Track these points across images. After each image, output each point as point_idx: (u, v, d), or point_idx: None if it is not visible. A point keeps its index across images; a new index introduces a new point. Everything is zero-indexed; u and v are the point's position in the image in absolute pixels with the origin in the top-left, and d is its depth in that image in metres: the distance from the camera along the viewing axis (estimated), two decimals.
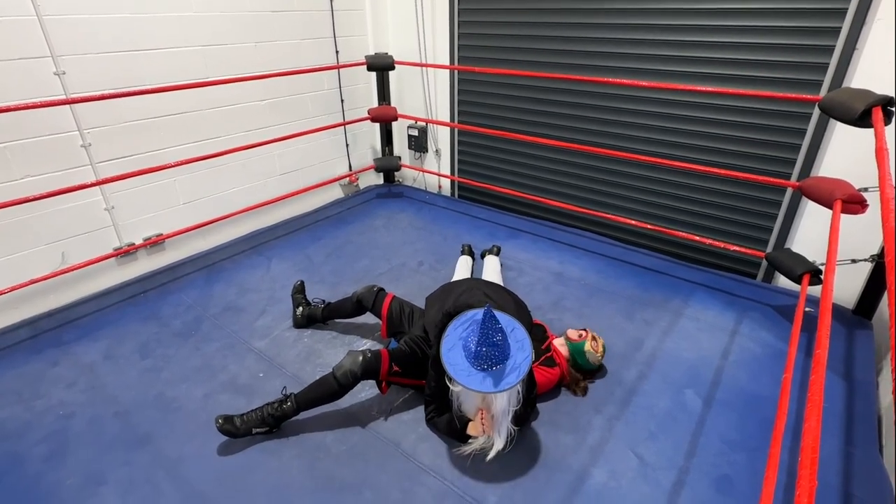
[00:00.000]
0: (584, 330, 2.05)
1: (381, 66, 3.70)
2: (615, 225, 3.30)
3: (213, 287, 2.78)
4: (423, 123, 4.06)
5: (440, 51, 3.76)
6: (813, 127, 2.52)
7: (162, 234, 2.99)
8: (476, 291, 2.02)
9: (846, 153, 2.44)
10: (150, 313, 2.55)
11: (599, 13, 3.00)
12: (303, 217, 3.68)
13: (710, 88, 2.63)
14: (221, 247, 3.23)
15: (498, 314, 1.60)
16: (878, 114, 1.87)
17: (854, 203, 2.02)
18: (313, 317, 2.40)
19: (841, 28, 2.32)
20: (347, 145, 4.03)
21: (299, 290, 2.49)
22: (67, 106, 2.43)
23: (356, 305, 2.26)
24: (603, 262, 3.03)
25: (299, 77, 3.44)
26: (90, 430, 1.85)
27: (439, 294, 2.15)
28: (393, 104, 3.98)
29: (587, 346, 1.99)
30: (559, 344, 2.05)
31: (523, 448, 1.75)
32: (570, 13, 3.11)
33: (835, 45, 2.36)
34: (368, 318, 2.35)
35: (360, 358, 1.80)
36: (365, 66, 3.67)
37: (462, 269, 2.75)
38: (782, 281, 2.73)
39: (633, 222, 3.09)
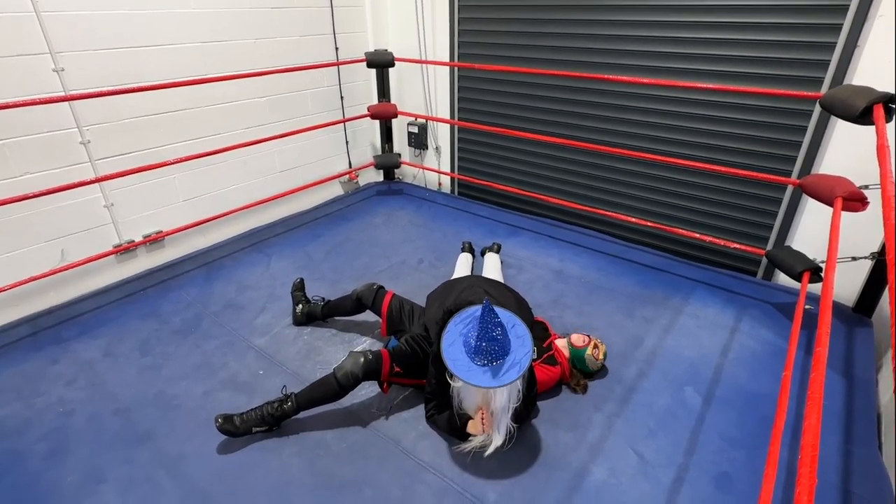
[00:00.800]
0: (588, 336, 2.05)
1: (380, 63, 3.69)
2: (616, 222, 3.30)
3: (213, 284, 2.78)
4: (423, 120, 4.05)
5: (440, 47, 3.74)
6: (814, 124, 2.51)
7: (162, 232, 2.98)
8: (477, 289, 2.01)
9: (847, 150, 2.43)
10: (150, 311, 2.55)
11: (598, 10, 2.99)
12: (302, 214, 3.67)
13: (710, 85, 2.62)
14: (221, 244, 3.23)
15: (498, 310, 1.59)
16: (879, 111, 1.87)
17: (855, 200, 2.01)
18: (313, 314, 2.40)
19: (842, 25, 2.31)
20: (347, 142, 4.02)
21: (299, 287, 2.49)
22: (66, 103, 2.42)
23: (356, 303, 2.26)
24: (603, 260, 3.02)
25: (299, 74, 3.43)
26: (90, 428, 1.85)
27: (440, 291, 2.15)
28: (393, 101, 3.97)
29: (588, 353, 1.99)
30: (562, 345, 2.05)
31: (523, 445, 1.75)
32: (569, 10, 3.10)
33: (836, 42, 2.35)
34: (368, 316, 2.35)
35: (362, 360, 1.80)
36: (365, 63, 3.66)
37: (462, 266, 2.75)
38: (782, 278, 2.73)
39: (634, 220, 3.08)
